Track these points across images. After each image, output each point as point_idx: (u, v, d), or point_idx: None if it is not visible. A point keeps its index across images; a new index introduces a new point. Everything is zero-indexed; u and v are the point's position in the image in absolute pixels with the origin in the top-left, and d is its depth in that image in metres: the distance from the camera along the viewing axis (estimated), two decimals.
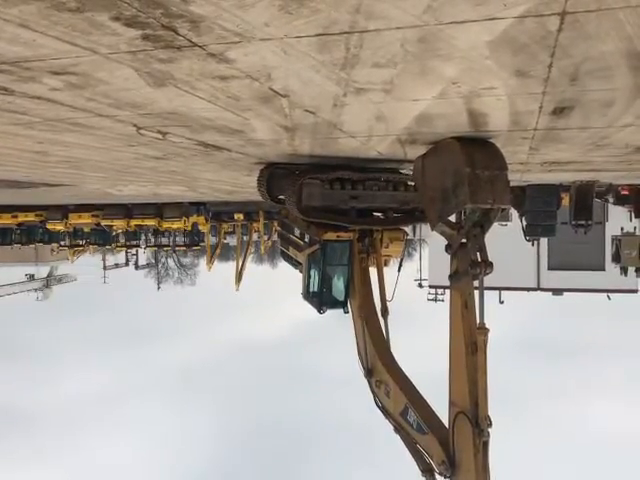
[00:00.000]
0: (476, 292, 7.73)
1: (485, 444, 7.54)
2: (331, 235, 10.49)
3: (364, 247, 10.96)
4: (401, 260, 12.43)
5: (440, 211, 7.16)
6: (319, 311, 11.20)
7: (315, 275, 11.08)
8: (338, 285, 11.20)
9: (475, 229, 7.29)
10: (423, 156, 7.35)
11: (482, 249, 7.43)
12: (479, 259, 7.41)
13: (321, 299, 11.10)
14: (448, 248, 7.61)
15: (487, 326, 7.47)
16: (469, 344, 7.45)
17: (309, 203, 9.13)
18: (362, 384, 10.49)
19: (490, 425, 7.50)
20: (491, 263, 7.38)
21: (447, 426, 8.07)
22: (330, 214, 9.63)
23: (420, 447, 8.94)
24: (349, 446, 57.15)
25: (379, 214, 10.55)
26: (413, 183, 9.05)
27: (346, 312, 11.10)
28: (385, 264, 11.52)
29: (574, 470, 52.31)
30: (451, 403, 7.84)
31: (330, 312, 11.25)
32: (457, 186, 6.65)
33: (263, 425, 61.78)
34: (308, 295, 11.30)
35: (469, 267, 7.34)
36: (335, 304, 11.23)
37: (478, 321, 7.56)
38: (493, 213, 7.13)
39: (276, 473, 58.01)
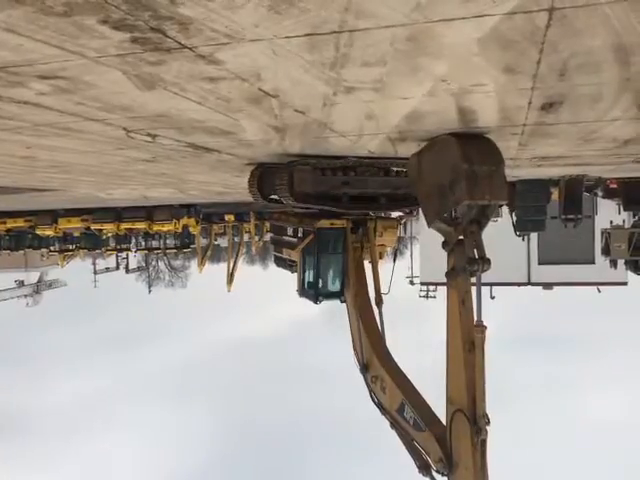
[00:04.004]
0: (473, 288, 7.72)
1: (483, 442, 7.54)
2: (325, 223, 10.51)
3: (358, 238, 10.99)
4: (396, 250, 12.45)
5: (437, 208, 7.10)
6: (315, 302, 11.19)
7: (310, 266, 11.07)
8: (333, 275, 11.20)
9: (472, 225, 7.25)
10: (419, 152, 7.31)
11: (479, 246, 7.38)
12: (476, 256, 7.38)
13: (317, 290, 11.09)
14: (445, 245, 7.56)
15: (484, 323, 7.47)
16: (466, 342, 7.43)
17: (301, 189, 8.96)
18: (358, 381, 10.50)
19: (488, 423, 7.49)
20: (488, 260, 7.33)
21: (444, 423, 8.07)
22: (323, 199, 9.51)
23: (417, 444, 8.94)
24: (345, 442, 57.22)
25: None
26: (406, 171, 8.94)
27: (342, 301, 11.10)
28: (380, 257, 11.54)
29: (568, 462, 52.64)
30: (448, 401, 7.83)
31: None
32: (454, 182, 6.59)
33: (259, 424, 61.77)
34: (304, 290, 11.29)
35: (466, 264, 7.30)
36: (331, 295, 11.24)
37: (475, 318, 7.55)
38: (490, 209, 7.09)
39: (274, 470, 58.00)
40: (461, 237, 7.38)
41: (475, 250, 7.38)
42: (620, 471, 51.44)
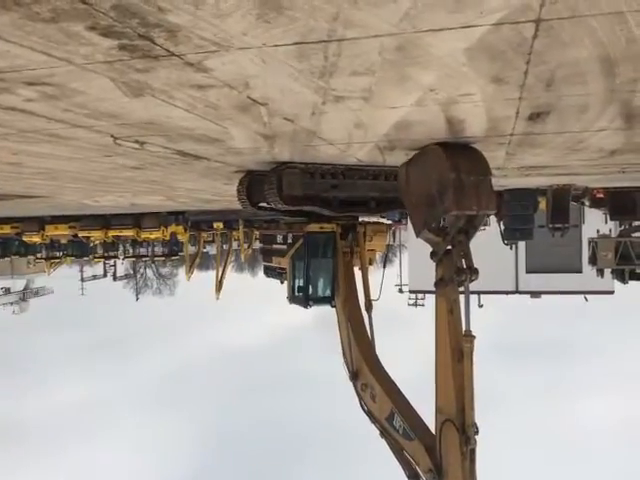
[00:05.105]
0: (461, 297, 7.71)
1: (472, 452, 7.53)
2: (314, 227, 10.52)
3: (348, 243, 10.99)
4: (386, 255, 12.47)
5: (425, 218, 7.12)
6: (305, 307, 11.17)
7: (300, 271, 11.06)
8: (324, 280, 11.20)
9: (460, 235, 7.27)
10: (407, 162, 7.33)
11: (467, 255, 7.39)
12: (464, 266, 7.39)
13: (307, 294, 11.07)
14: (433, 255, 7.55)
15: (473, 333, 7.46)
16: (455, 351, 7.42)
17: (290, 192, 8.87)
18: (347, 389, 10.47)
19: (477, 433, 7.48)
20: (476, 270, 7.35)
21: (433, 433, 8.04)
22: (312, 201, 9.41)
23: (406, 453, 8.91)
24: (335, 450, 57.03)
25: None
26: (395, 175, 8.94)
27: (333, 306, 11.08)
28: (370, 262, 11.56)
29: (556, 468, 52.80)
30: (437, 410, 7.81)
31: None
32: (442, 192, 6.62)
33: (247, 431, 61.41)
34: (294, 296, 11.27)
35: (454, 274, 7.31)
36: (321, 300, 11.22)
37: (464, 328, 7.54)
38: (478, 219, 7.12)
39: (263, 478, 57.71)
40: (449, 247, 7.39)
41: (463, 260, 7.40)
42: (610, 476, 51.70)
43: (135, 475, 58.98)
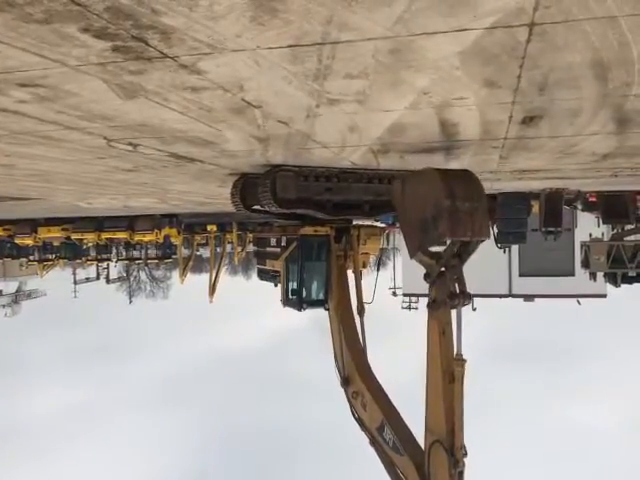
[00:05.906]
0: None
1: (460, 474, 7.52)
2: (308, 230, 10.51)
3: (341, 246, 10.98)
4: (379, 258, 12.43)
5: (419, 241, 7.08)
6: (299, 310, 11.13)
7: (294, 273, 11.04)
8: (317, 283, 11.18)
9: (453, 260, 7.26)
10: (403, 180, 7.29)
11: (460, 280, 7.36)
12: (457, 290, 7.40)
13: (301, 297, 11.05)
14: (427, 277, 7.52)
15: (464, 357, 7.45)
16: (446, 373, 7.40)
17: (284, 195, 8.83)
18: (340, 392, 10.43)
19: (466, 455, 7.48)
20: (469, 294, 7.32)
21: (423, 449, 8.02)
22: (306, 204, 9.36)
23: (396, 466, 8.89)
24: (328, 453, 56.95)
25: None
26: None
27: (327, 309, 11.07)
28: (364, 266, 11.55)
29: (549, 472, 52.88)
30: (427, 430, 7.79)
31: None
32: (437, 218, 6.57)
33: (242, 435, 61.27)
34: (288, 299, 11.24)
35: (447, 298, 7.30)
36: (315, 303, 11.20)
37: (456, 351, 7.52)
38: (472, 245, 7.10)
39: None
40: (442, 269, 7.37)
41: (456, 284, 7.37)
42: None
43: (127, 478, 58.71)
